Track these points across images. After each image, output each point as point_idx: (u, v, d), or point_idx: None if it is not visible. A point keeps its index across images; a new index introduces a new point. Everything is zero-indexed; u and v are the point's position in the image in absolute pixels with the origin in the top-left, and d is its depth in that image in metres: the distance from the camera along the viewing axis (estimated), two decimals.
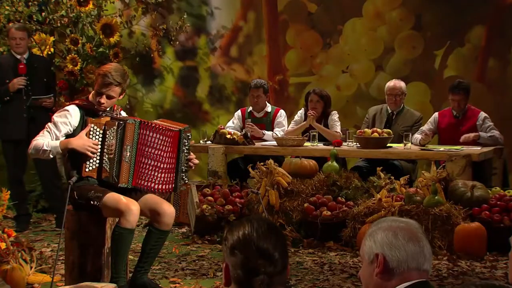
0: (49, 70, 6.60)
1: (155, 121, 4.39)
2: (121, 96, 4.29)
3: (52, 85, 6.57)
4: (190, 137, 4.29)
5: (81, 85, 7.26)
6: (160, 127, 4.21)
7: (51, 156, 4.15)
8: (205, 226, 5.82)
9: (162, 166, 4.21)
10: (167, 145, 4.20)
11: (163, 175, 4.22)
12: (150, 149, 4.19)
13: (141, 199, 4.20)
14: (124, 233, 4.03)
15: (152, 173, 4.20)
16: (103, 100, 4.18)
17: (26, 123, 6.16)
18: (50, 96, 6.30)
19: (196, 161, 4.36)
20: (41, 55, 6.78)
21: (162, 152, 4.20)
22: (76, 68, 7.05)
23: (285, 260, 1.97)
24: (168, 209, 4.21)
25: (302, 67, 7.72)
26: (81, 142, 4.10)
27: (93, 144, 4.12)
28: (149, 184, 4.21)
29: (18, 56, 6.26)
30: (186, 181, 4.36)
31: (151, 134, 4.19)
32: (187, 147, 4.25)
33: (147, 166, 4.20)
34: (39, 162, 6.18)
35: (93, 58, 7.27)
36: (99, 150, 4.13)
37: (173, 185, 4.24)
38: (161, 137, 4.20)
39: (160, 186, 4.22)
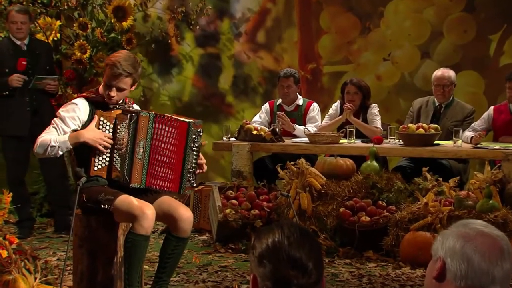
0: (51, 56, 6.64)
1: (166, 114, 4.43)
2: (133, 88, 4.31)
3: (55, 73, 6.58)
4: (201, 134, 4.29)
5: (90, 75, 7.31)
6: (169, 118, 4.24)
7: (60, 153, 4.15)
8: (229, 233, 5.84)
9: (170, 161, 4.23)
10: (174, 137, 4.22)
11: (170, 170, 4.25)
12: (162, 144, 4.23)
13: (155, 202, 4.22)
14: (138, 240, 4.05)
15: (164, 170, 4.24)
16: (113, 93, 4.19)
17: (29, 117, 6.22)
18: (55, 77, 6.33)
19: (205, 167, 4.36)
20: (42, 39, 6.81)
21: (169, 146, 4.23)
22: (84, 56, 7.10)
23: (320, 271, 1.97)
24: (184, 214, 4.22)
25: (338, 55, 7.70)
26: (92, 134, 4.13)
27: (106, 137, 4.15)
28: (162, 183, 4.24)
29: (18, 42, 6.31)
30: (194, 185, 4.33)
31: (164, 127, 4.22)
32: (196, 145, 4.26)
33: (160, 163, 4.23)
34: (45, 160, 6.23)
35: (104, 44, 7.32)
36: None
37: (179, 185, 4.26)
38: (168, 129, 4.23)
39: (166, 184, 4.25)
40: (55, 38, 7.03)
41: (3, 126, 6.32)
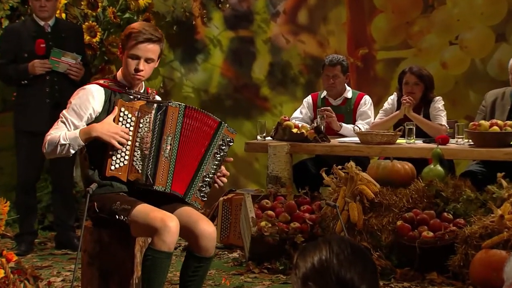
0: (80, 42, 6.65)
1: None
2: (157, 62, 4.34)
3: (85, 61, 6.56)
4: (230, 144, 4.33)
5: (101, 62, 7.38)
6: (201, 113, 4.29)
7: (72, 151, 4.18)
8: (264, 249, 5.86)
9: (189, 162, 4.28)
10: (200, 134, 4.27)
11: (185, 174, 4.27)
12: (190, 142, 4.26)
13: (174, 213, 4.18)
14: (158, 257, 4.06)
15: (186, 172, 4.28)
16: (142, 66, 4.21)
17: (48, 110, 6.21)
18: (78, 57, 6.30)
19: (224, 179, 4.40)
20: (70, 20, 6.82)
21: (193, 144, 4.27)
22: (94, 39, 7.17)
23: None
24: (206, 229, 4.18)
25: (395, 38, 7.69)
26: (107, 128, 4.14)
27: (123, 132, 4.16)
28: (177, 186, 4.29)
29: (42, 23, 6.37)
30: (204, 199, 4.33)
31: (194, 123, 4.25)
32: (220, 154, 4.29)
33: (185, 165, 4.25)
34: (56, 161, 6.25)
35: (117, 26, 7.38)
36: (129, 142, 4.17)
37: (185, 189, 4.27)
38: (198, 125, 4.26)
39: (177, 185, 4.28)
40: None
41: (18, 119, 6.38)
